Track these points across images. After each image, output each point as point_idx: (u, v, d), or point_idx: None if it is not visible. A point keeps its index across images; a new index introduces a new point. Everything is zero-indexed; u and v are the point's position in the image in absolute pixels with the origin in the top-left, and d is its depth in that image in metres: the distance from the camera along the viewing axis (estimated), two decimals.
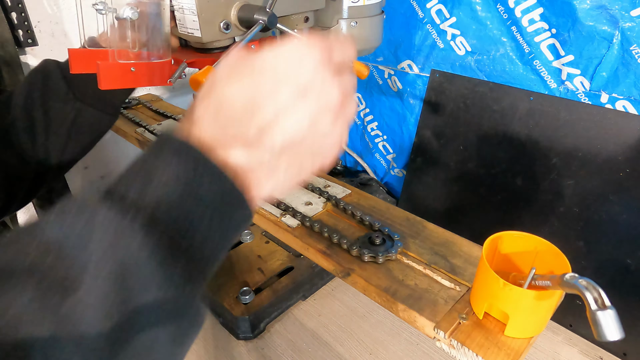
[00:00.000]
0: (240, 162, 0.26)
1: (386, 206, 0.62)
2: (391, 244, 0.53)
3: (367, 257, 0.51)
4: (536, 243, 0.47)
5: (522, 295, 0.41)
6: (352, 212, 0.59)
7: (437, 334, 0.44)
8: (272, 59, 0.26)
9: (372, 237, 0.53)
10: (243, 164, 0.26)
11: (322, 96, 0.26)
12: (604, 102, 0.75)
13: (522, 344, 0.43)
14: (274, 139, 0.26)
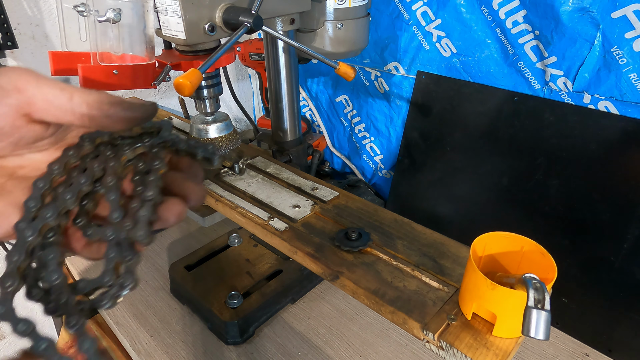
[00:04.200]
0: None
1: (374, 208, 0.61)
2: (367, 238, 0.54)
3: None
4: (522, 243, 0.47)
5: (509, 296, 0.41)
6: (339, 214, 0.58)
7: (426, 336, 0.44)
8: None
9: (349, 232, 0.54)
10: None
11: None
12: (587, 103, 0.76)
13: (510, 343, 0.44)
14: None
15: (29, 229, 0.24)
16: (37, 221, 0.25)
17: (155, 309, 0.81)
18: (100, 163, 0.27)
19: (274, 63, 0.73)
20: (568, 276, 0.81)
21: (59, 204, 0.25)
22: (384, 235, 0.55)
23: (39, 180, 0.25)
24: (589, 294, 0.80)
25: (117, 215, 0.26)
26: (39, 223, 0.24)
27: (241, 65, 1.37)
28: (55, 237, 0.25)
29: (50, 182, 0.26)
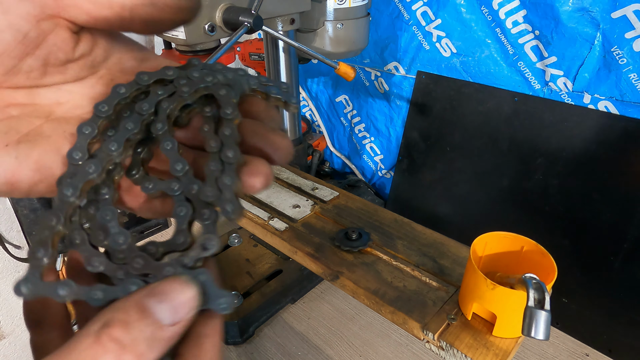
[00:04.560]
0: None
1: (374, 208, 0.62)
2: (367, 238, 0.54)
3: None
4: (522, 243, 0.47)
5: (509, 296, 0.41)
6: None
7: (426, 336, 0.44)
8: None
9: (349, 232, 0.54)
10: None
11: None
12: (587, 103, 0.76)
13: (510, 343, 0.44)
14: None
15: (74, 186, 0.20)
16: (81, 175, 0.20)
17: None
18: (151, 104, 0.22)
19: (274, 63, 0.73)
20: (568, 276, 0.81)
21: (104, 155, 0.21)
22: (384, 235, 0.55)
23: (84, 124, 0.21)
24: (589, 294, 0.80)
25: (180, 166, 0.21)
26: (84, 177, 0.20)
27: (241, 65, 1.37)
28: (109, 193, 0.21)
29: (97, 127, 0.21)
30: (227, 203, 0.20)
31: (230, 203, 0.20)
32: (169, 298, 0.17)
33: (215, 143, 0.21)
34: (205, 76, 0.23)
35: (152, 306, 0.16)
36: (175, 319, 0.16)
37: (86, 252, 0.20)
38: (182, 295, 0.17)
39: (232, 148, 0.21)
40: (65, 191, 0.19)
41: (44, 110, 0.22)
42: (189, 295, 0.17)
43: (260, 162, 0.21)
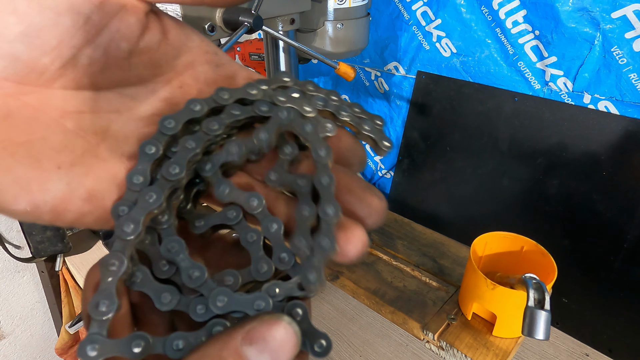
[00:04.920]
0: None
1: None
2: None
3: None
4: (522, 243, 0.47)
5: (509, 296, 0.41)
6: None
7: (426, 336, 0.44)
8: None
9: None
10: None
11: None
12: (587, 103, 0.76)
13: (510, 343, 0.44)
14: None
15: (135, 221, 0.17)
16: (142, 207, 0.17)
17: None
18: (220, 125, 0.19)
19: (274, 63, 0.73)
20: (568, 276, 0.81)
21: (164, 182, 0.18)
22: (384, 235, 0.55)
23: (148, 143, 0.18)
24: (589, 294, 0.80)
25: (256, 202, 0.18)
26: (145, 209, 0.17)
27: None
28: (169, 221, 0.18)
29: (161, 147, 0.18)
30: (311, 271, 0.17)
31: (315, 272, 0.17)
32: (269, 346, 0.14)
33: (306, 188, 0.18)
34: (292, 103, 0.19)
35: (252, 357, 0.14)
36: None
37: (153, 289, 0.17)
38: (284, 341, 0.15)
39: (332, 203, 0.17)
40: (126, 228, 0.17)
41: (101, 122, 0.18)
42: (291, 341, 0.15)
43: (357, 226, 0.18)
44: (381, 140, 0.20)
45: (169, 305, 0.17)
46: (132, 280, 0.17)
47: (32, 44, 0.15)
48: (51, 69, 0.16)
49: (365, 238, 0.18)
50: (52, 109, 0.17)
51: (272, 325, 0.15)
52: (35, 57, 0.16)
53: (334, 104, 0.20)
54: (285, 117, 0.19)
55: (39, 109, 0.17)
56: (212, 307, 0.16)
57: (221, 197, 0.18)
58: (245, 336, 0.14)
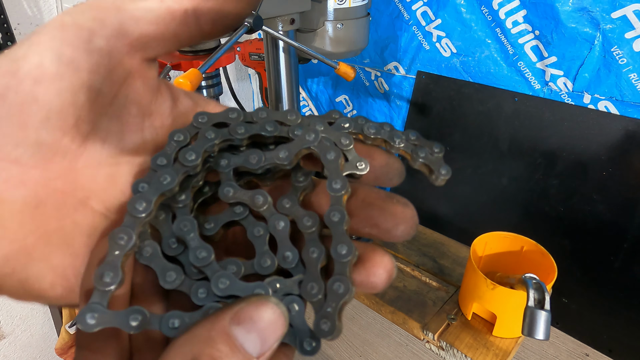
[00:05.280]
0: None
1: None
2: None
3: None
4: (522, 243, 0.47)
5: (509, 296, 0.41)
6: None
7: (426, 336, 0.44)
8: None
9: None
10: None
11: None
12: (587, 103, 0.76)
13: (510, 343, 0.44)
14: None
15: (147, 200, 0.17)
16: (155, 188, 0.17)
17: None
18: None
19: (274, 63, 0.73)
20: (568, 276, 0.81)
21: (180, 166, 0.18)
22: None
23: (176, 131, 0.18)
24: (589, 294, 0.80)
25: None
26: (159, 189, 0.17)
27: (241, 65, 1.37)
28: (186, 202, 0.18)
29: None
30: (325, 321, 0.16)
31: (329, 321, 0.16)
32: (257, 326, 0.15)
33: (314, 229, 0.17)
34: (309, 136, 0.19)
35: (240, 336, 0.14)
36: (262, 350, 0.15)
37: (160, 265, 0.17)
38: (271, 322, 0.15)
39: (345, 242, 0.16)
40: (137, 205, 0.17)
41: (124, 198, 0.19)
42: (278, 322, 0.15)
43: (379, 253, 0.17)
44: (438, 170, 0.19)
45: (172, 283, 0.17)
46: (140, 253, 0.17)
47: (53, 126, 0.16)
48: (73, 148, 0.17)
49: (391, 264, 0.17)
50: (79, 191, 0.17)
51: (260, 306, 0.15)
52: (58, 139, 0.16)
53: (388, 132, 0.19)
54: (312, 139, 0.18)
55: (67, 193, 0.17)
56: (213, 288, 0.16)
57: (225, 198, 0.19)
58: (234, 316, 0.15)
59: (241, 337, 0.14)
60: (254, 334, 0.14)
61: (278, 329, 0.15)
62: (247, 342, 0.14)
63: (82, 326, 0.15)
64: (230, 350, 0.14)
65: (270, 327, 0.15)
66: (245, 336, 0.14)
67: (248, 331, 0.14)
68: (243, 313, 0.15)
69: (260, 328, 0.15)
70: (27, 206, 0.16)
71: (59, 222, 0.17)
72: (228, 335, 0.14)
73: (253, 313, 0.15)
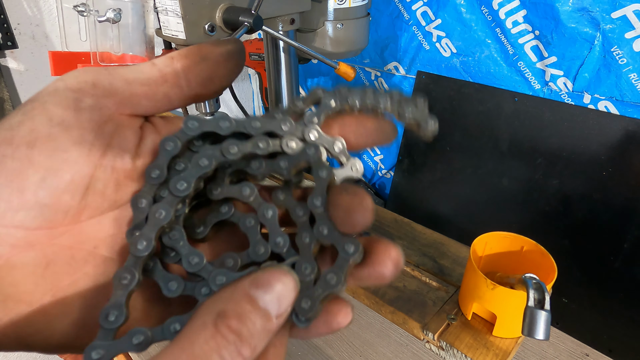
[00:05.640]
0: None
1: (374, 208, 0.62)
2: None
3: None
4: (522, 243, 0.47)
5: (509, 296, 0.41)
6: None
7: (426, 336, 0.44)
8: None
9: None
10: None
11: None
12: (587, 103, 0.76)
13: (510, 343, 0.44)
14: None
15: (147, 238, 0.17)
16: (153, 225, 0.18)
17: None
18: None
19: (274, 63, 0.73)
20: (568, 276, 0.81)
21: (170, 202, 0.18)
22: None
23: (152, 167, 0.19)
24: (589, 294, 0.80)
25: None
26: (156, 225, 0.18)
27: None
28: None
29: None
30: (307, 300, 0.17)
31: (311, 302, 0.17)
32: (274, 289, 0.16)
33: (305, 218, 0.18)
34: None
35: (260, 297, 0.16)
36: (280, 310, 0.16)
37: (161, 277, 0.18)
38: (285, 286, 0.16)
39: (352, 242, 0.17)
40: (139, 245, 0.17)
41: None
42: (292, 286, 0.16)
43: (384, 244, 0.18)
44: (425, 123, 0.20)
45: (175, 292, 0.18)
46: (145, 269, 0.18)
47: (51, 186, 0.17)
48: (73, 205, 0.17)
49: (397, 254, 0.18)
50: (86, 243, 0.18)
51: (275, 273, 0.16)
52: (57, 197, 0.17)
53: (372, 98, 0.20)
54: (311, 154, 0.19)
55: (74, 247, 0.18)
56: (212, 286, 0.17)
57: (215, 196, 0.19)
58: (253, 282, 0.16)
59: (261, 298, 0.16)
60: (271, 295, 0.16)
61: (291, 292, 0.16)
62: (267, 302, 0.16)
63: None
64: (252, 307, 0.15)
65: (285, 290, 0.16)
66: (264, 297, 0.16)
67: (266, 292, 0.16)
68: (261, 279, 0.16)
69: (276, 291, 0.16)
70: (38, 267, 0.17)
71: (71, 277, 0.18)
72: (249, 296, 0.16)
73: (270, 278, 0.16)
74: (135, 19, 0.52)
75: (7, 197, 0.16)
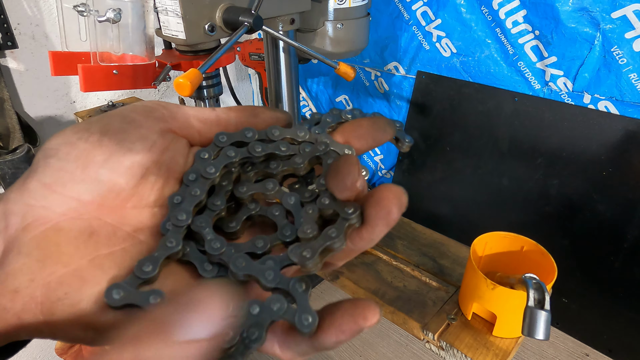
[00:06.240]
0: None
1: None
2: None
3: None
4: (523, 243, 0.47)
5: (509, 296, 0.41)
6: None
7: (426, 336, 0.44)
8: None
9: None
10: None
11: None
12: (587, 103, 0.76)
13: (510, 343, 0.44)
14: None
15: (186, 211, 0.20)
16: (190, 199, 0.20)
17: None
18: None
19: (274, 63, 0.73)
20: (568, 276, 0.81)
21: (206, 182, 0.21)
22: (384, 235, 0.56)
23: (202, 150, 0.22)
24: (589, 294, 0.80)
25: (271, 185, 0.21)
26: (194, 201, 0.20)
27: (241, 65, 1.37)
28: None
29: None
30: (308, 250, 0.18)
31: (311, 251, 0.18)
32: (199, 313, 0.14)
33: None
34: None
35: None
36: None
37: (197, 259, 0.20)
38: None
39: (353, 205, 0.18)
40: (179, 216, 0.20)
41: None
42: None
43: (383, 185, 0.18)
44: (403, 138, 0.24)
45: (211, 272, 0.20)
46: (183, 252, 0.20)
47: (112, 167, 0.19)
48: (126, 189, 0.20)
49: (398, 188, 0.18)
50: (127, 226, 0.20)
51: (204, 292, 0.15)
52: (114, 179, 0.19)
53: (357, 115, 0.24)
54: (321, 149, 0.22)
55: (116, 227, 0.20)
56: (233, 268, 0.19)
57: (241, 194, 0.22)
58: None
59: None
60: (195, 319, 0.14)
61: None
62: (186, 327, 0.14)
63: (107, 299, 0.17)
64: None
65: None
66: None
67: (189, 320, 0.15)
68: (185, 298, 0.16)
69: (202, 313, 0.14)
70: (82, 234, 0.19)
71: (110, 248, 0.19)
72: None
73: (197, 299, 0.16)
74: (135, 19, 0.52)
75: (72, 170, 0.19)
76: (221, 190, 0.22)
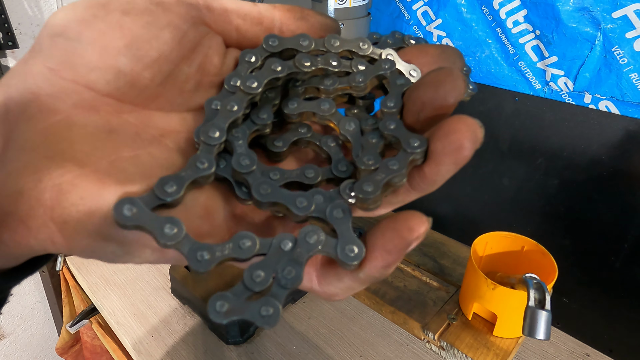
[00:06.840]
0: None
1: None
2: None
3: None
4: (523, 243, 0.47)
5: (510, 296, 0.41)
6: None
7: (426, 335, 0.44)
8: None
9: None
10: None
11: None
12: (588, 103, 0.76)
13: (510, 343, 0.44)
14: None
15: (220, 128, 0.17)
16: (224, 116, 0.17)
17: (156, 309, 0.81)
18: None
19: None
20: (568, 276, 0.81)
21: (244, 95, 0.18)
22: None
23: (247, 52, 0.18)
24: (589, 294, 0.80)
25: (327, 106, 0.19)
26: (228, 117, 0.17)
27: None
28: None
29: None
30: (369, 184, 0.16)
31: (373, 185, 0.16)
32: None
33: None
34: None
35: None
36: None
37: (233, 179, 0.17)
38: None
39: (418, 138, 0.16)
40: (211, 134, 0.16)
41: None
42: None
43: (457, 115, 0.16)
44: (468, 83, 0.20)
45: (247, 194, 0.17)
46: (218, 165, 0.17)
47: (135, 55, 0.16)
48: (150, 86, 0.16)
49: (471, 119, 0.16)
50: (152, 128, 0.17)
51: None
52: (137, 71, 0.16)
53: (412, 42, 0.21)
54: (386, 68, 0.19)
55: (140, 127, 0.17)
56: (254, 194, 0.16)
57: (291, 110, 0.19)
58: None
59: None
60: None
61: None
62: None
63: (116, 213, 0.14)
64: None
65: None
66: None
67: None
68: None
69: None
70: (100, 131, 0.15)
71: (134, 151, 0.16)
72: None
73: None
74: None
75: (85, 54, 0.15)
76: (268, 103, 0.19)
